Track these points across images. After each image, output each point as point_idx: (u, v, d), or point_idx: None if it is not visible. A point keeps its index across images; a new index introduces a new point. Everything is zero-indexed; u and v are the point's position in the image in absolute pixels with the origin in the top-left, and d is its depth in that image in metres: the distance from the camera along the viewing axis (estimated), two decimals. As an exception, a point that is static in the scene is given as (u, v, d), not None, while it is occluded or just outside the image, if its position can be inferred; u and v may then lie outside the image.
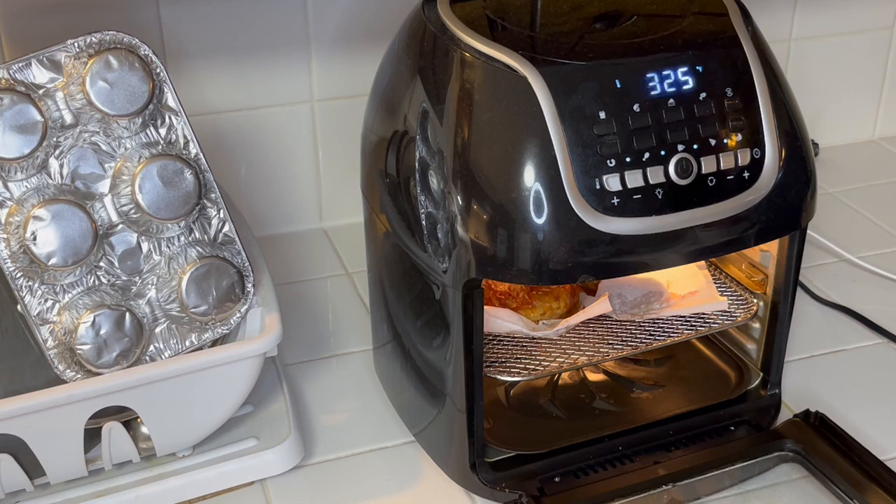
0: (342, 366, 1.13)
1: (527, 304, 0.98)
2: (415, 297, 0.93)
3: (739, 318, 0.99)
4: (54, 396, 0.84)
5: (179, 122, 0.91)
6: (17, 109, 0.84)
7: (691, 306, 0.99)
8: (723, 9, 0.89)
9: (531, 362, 0.93)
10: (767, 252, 0.97)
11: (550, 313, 0.99)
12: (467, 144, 0.82)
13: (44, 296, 0.87)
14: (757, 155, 0.84)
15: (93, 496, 0.91)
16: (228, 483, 0.95)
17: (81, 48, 0.87)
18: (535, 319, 0.98)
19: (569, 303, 1.00)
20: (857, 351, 1.13)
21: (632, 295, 1.01)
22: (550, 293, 0.98)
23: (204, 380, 0.90)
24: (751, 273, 1.01)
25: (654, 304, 1.00)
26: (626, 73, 0.81)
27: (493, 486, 0.93)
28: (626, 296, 1.01)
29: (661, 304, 1.00)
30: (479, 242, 0.82)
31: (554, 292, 0.99)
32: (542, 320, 0.98)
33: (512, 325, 0.95)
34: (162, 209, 0.88)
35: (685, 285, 1.01)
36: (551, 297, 0.99)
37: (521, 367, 0.93)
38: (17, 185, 0.87)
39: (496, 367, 0.93)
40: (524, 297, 0.98)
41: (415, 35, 0.89)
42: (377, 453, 1.01)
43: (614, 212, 0.80)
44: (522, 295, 0.98)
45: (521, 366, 0.93)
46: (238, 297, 0.92)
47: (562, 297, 0.99)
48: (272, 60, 1.27)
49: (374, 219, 0.96)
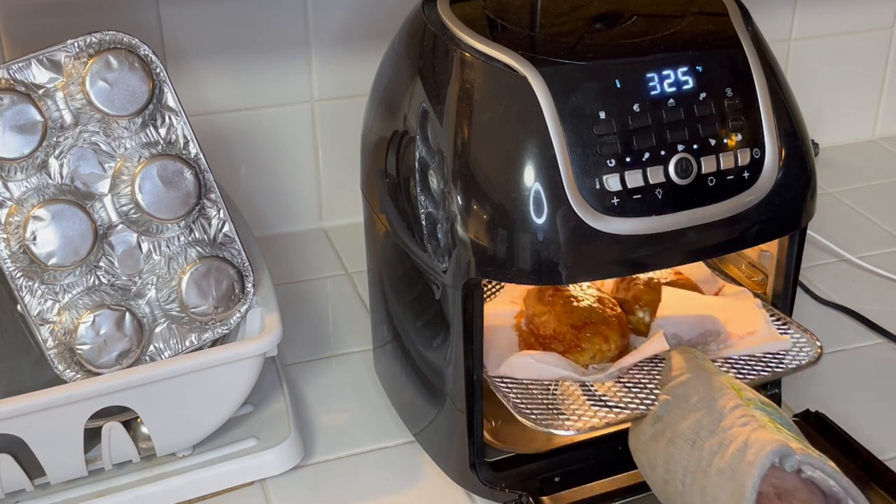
0: (342, 366, 1.13)
1: (575, 347, 0.93)
2: (415, 297, 0.93)
3: (805, 360, 0.92)
4: (54, 396, 0.84)
5: (179, 122, 0.91)
6: (17, 109, 0.84)
7: (751, 346, 0.93)
8: (723, 9, 0.89)
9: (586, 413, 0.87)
10: (767, 252, 0.97)
11: (601, 356, 0.93)
12: (467, 144, 0.82)
13: (44, 296, 0.87)
14: (757, 155, 0.84)
15: (93, 496, 0.91)
16: (228, 483, 0.95)
17: (81, 48, 0.87)
18: (585, 363, 0.93)
19: (619, 344, 0.94)
20: (857, 351, 1.13)
21: (687, 335, 0.94)
22: (599, 334, 0.93)
23: (204, 380, 0.90)
24: (751, 273, 1.01)
25: (711, 344, 0.94)
26: (625, 73, 0.81)
27: (493, 486, 0.93)
28: (682, 335, 0.94)
29: (718, 345, 0.94)
30: (479, 242, 0.82)
31: (603, 333, 0.93)
32: (592, 364, 0.93)
33: (561, 371, 0.90)
34: (162, 209, 0.88)
35: (743, 324, 0.95)
36: (601, 338, 0.93)
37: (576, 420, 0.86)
38: (17, 185, 0.87)
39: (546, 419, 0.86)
40: (572, 340, 0.93)
41: (415, 35, 0.89)
42: (377, 453, 1.01)
43: (614, 212, 0.80)
44: (570, 338, 0.93)
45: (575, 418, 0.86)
46: (238, 297, 0.92)
47: (611, 339, 0.93)
48: (272, 60, 1.27)
49: (374, 219, 0.96)
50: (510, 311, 1.00)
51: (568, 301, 0.95)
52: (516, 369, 0.91)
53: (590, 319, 0.94)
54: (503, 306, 1.01)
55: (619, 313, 0.96)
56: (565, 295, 0.96)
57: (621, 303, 0.98)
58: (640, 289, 0.99)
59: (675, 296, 0.96)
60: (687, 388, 0.82)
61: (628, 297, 0.99)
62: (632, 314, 0.98)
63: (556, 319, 0.94)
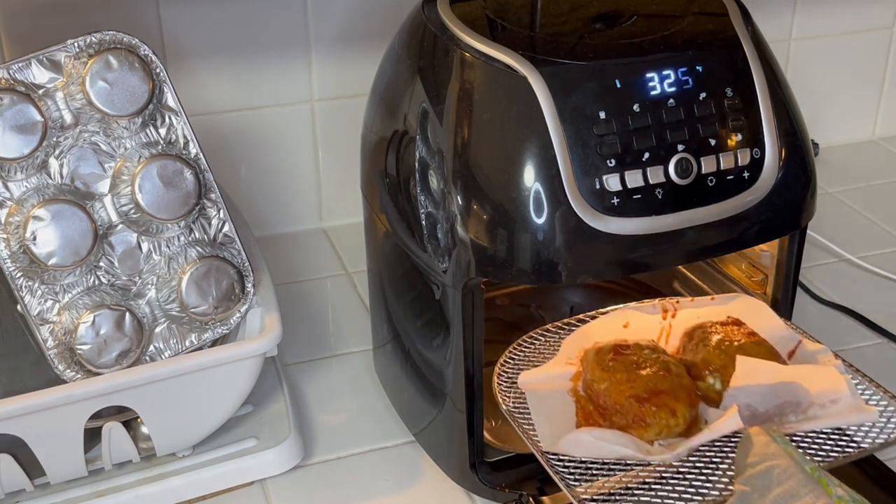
0: (342, 366, 1.13)
1: (638, 421, 0.83)
2: (415, 297, 0.93)
3: (894, 433, 0.83)
4: (54, 396, 0.84)
5: (179, 122, 0.91)
6: (17, 109, 0.84)
7: (835, 419, 0.83)
8: (723, 9, 0.89)
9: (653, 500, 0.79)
10: (767, 252, 0.97)
11: (667, 431, 0.83)
12: (467, 144, 0.82)
13: (44, 296, 0.87)
14: (757, 155, 0.84)
15: (93, 496, 0.91)
16: (228, 483, 0.95)
17: (81, 48, 0.87)
18: (650, 440, 0.83)
19: (688, 417, 0.84)
20: (857, 351, 1.13)
21: (763, 405, 0.85)
22: (666, 408, 0.83)
23: (204, 380, 0.90)
24: (751, 273, 1.01)
25: (790, 415, 0.85)
26: (625, 73, 0.81)
27: (493, 486, 0.93)
28: (758, 407, 0.85)
29: (797, 416, 0.85)
30: (479, 242, 0.82)
31: (670, 406, 0.83)
32: (658, 440, 0.83)
33: (623, 450, 0.81)
34: (162, 209, 0.88)
35: (824, 392, 0.85)
36: (667, 412, 0.83)
37: None
38: (17, 185, 0.87)
39: None
40: (635, 414, 0.83)
41: (415, 35, 0.89)
42: (377, 453, 1.01)
43: (614, 212, 0.80)
44: (633, 411, 0.83)
45: None
46: (238, 297, 0.92)
47: (679, 412, 0.83)
48: (272, 60, 1.27)
49: (374, 219, 0.96)
50: (566, 373, 0.90)
51: (630, 367, 0.86)
52: (573, 448, 0.82)
53: (655, 390, 0.84)
54: (558, 368, 0.91)
55: (687, 382, 0.86)
56: (627, 360, 0.87)
57: (689, 367, 0.88)
58: (711, 351, 0.88)
59: (748, 363, 0.86)
60: (767, 478, 0.73)
61: (697, 360, 0.89)
62: (701, 380, 0.87)
63: (617, 389, 0.84)
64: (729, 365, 0.86)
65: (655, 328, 0.93)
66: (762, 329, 0.91)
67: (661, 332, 0.93)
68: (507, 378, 0.90)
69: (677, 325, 0.93)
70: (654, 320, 0.94)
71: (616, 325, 0.93)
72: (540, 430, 0.84)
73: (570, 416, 0.87)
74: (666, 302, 0.95)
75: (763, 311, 0.93)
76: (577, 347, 0.92)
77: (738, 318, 0.91)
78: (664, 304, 0.95)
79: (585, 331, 0.93)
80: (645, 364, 0.86)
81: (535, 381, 0.89)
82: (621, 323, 0.93)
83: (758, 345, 0.88)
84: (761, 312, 0.93)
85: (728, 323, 0.90)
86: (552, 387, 0.89)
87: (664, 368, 0.86)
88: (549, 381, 0.89)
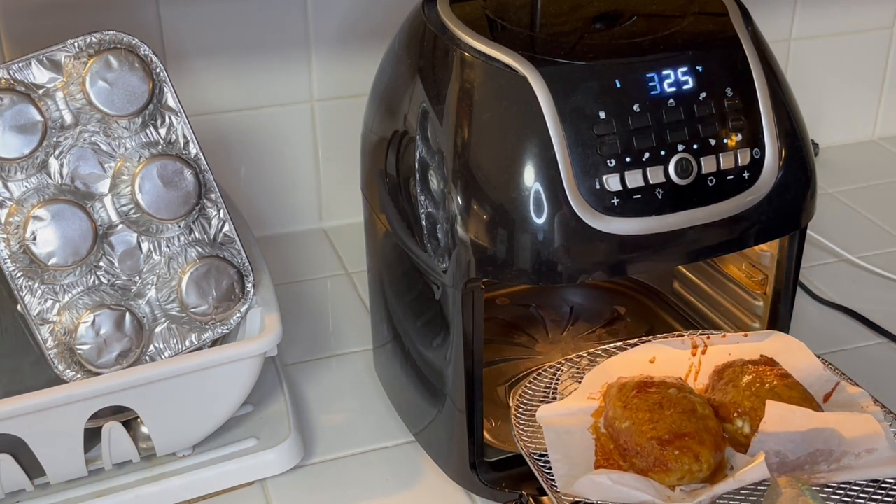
0: (342, 366, 1.13)
1: (660, 465, 0.79)
2: (415, 297, 0.93)
3: None
4: (54, 396, 0.84)
5: (179, 122, 0.91)
6: (17, 109, 0.84)
7: (870, 471, 0.78)
8: (723, 9, 0.89)
9: None
10: (767, 252, 0.97)
11: (690, 477, 0.79)
12: (467, 144, 0.82)
13: (44, 296, 0.87)
14: (757, 155, 0.84)
15: (93, 496, 0.91)
16: (228, 483, 0.95)
17: (81, 48, 0.87)
18: (671, 485, 0.79)
19: (712, 462, 0.79)
20: (857, 351, 1.13)
21: (794, 453, 0.80)
22: (689, 451, 0.79)
23: (204, 380, 0.90)
24: (751, 273, 1.01)
25: (822, 464, 0.80)
26: (626, 73, 0.81)
27: (493, 486, 0.93)
28: (788, 454, 0.80)
29: (829, 466, 0.80)
30: (479, 242, 0.82)
31: (694, 450, 0.79)
32: (680, 486, 0.79)
33: (641, 495, 0.77)
34: (162, 209, 0.88)
35: (860, 441, 0.81)
36: (691, 456, 0.78)
37: None
38: (17, 185, 0.87)
39: None
40: (656, 457, 0.79)
41: (415, 35, 0.89)
42: (377, 453, 1.01)
43: (614, 212, 0.80)
44: (654, 454, 0.79)
45: None
46: (238, 297, 0.92)
47: (703, 457, 0.79)
48: (272, 60, 1.27)
49: (374, 219, 0.96)
50: (587, 409, 0.87)
51: (654, 407, 0.82)
52: (588, 490, 0.78)
53: (679, 433, 0.80)
54: (579, 402, 0.87)
55: (714, 425, 0.82)
56: (651, 399, 0.83)
57: (717, 407, 0.85)
58: (741, 392, 0.84)
59: (779, 409, 0.81)
60: None
61: (726, 400, 0.85)
62: (728, 422, 0.84)
63: (639, 430, 0.81)
64: (759, 408, 0.82)
65: (684, 364, 0.89)
66: (797, 369, 0.87)
67: (689, 368, 0.90)
68: (525, 411, 0.87)
69: (707, 361, 0.89)
70: (683, 356, 0.90)
71: (642, 360, 0.89)
72: (556, 469, 0.81)
73: (589, 455, 0.83)
74: (696, 337, 0.91)
75: (799, 349, 0.90)
76: (599, 381, 0.88)
77: (772, 358, 0.88)
78: (694, 340, 0.91)
79: (609, 364, 0.89)
80: (669, 404, 0.82)
81: (554, 415, 0.85)
82: (648, 357, 0.89)
83: (790, 388, 0.84)
84: (797, 351, 0.90)
85: (761, 362, 0.87)
86: (571, 423, 0.85)
87: (690, 409, 0.82)
88: (569, 418, 0.86)
